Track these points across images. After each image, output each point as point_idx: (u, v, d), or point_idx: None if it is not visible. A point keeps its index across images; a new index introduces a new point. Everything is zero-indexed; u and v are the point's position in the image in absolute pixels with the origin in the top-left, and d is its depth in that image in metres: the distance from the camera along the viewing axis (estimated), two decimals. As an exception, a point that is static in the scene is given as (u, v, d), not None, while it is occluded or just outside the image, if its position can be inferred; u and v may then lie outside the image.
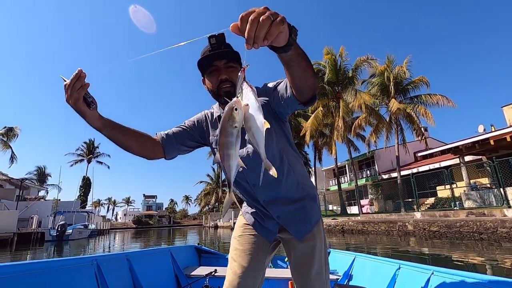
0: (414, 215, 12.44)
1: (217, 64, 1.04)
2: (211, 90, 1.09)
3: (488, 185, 13.60)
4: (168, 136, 1.13)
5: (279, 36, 0.59)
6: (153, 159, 1.11)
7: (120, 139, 0.98)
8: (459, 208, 12.11)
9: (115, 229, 46.63)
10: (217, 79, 1.04)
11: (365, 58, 19.88)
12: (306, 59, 0.74)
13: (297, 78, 0.80)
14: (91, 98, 0.82)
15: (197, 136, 1.19)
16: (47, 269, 1.30)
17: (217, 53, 1.02)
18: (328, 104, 20.40)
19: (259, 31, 0.55)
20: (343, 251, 2.54)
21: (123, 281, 1.70)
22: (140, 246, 13.85)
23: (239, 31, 0.57)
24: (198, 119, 1.22)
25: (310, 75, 0.79)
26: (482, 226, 8.12)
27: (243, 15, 0.55)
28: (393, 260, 1.78)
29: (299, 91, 0.85)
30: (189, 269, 2.30)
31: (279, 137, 1.09)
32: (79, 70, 0.78)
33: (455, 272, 1.31)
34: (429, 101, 17.60)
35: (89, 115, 0.85)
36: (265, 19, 0.54)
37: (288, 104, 0.96)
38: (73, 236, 17.95)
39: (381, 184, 21.16)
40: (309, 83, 0.82)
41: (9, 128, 28.21)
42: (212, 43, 1.01)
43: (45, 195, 31.00)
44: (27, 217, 18.31)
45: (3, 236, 13.84)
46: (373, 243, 9.28)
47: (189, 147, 1.19)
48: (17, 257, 10.00)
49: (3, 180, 19.70)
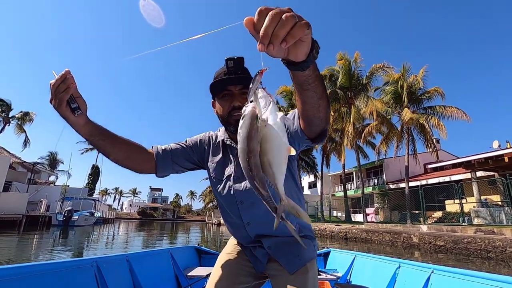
0: (420, 227, 12.21)
1: (231, 89, 0.97)
2: (221, 116, 1.01)
3: (500, 202, 13.22)
4: (165, 153, 1.04)
5: (300, 45, 0.50)
6: (142, 173, 1.01)
7: (107, 150, 0.89)
8: (468, 224, 11.82)
9: (120, 218, 47.42)
10: (229, 105, 0.97)
11: (381, 65, 19.64)
12: (323, 85, 0.65)
13: (310, 106, 0.69)
14: (75, 104, 0.74)
15: (196, 158, 1.10)
16: (48, 271, 1.30)
17: (233, 78, 0.95)
18: (340, 109, 20.24)
19: (279, 28, 0.44)
20: (343, 251, 2.53)
21: (123, 282, 1.71)
22: (142, 238, 14.02)
23: (253, 27, 0.47)
24: (200, 140, 1.13)
25: (324, 105, 0.69)
26: (490, 244, 7.90)
27: (262, 8, 0.46)
28: (393, 259, 1.78)
29: (308, 122, 0.76)
30: (189, 269, 2.31)
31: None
32: (66, 71, 0.71)
33: (455, 270, 1.31)
34: (444, 113, 17.25)
35: (72, 121, 0.77)
36: (289, 17, 0.44)
37: (295, 139, 0.87)
38: (79, 223, 18.34)
39: (388, 193, 20.84)
40: (321, 114, 0.72)
41: (25, 112, 29.07)
42: (229, 66, 0.94)
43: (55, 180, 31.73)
44: (36, 200, 18.82)
45: (13, 217, 14.24)
46: (376, 252, 9.15)
47: (185, 167, 1.10)
48: (24, 239, 10.27)
49: (16, 162, 20.26)
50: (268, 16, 0.44)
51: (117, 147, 0.91)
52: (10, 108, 28.69)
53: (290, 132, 0.87)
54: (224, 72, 0.97)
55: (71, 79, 0.72)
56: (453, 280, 1.27)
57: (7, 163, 16.96)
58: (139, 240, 12.77)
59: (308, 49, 0.52)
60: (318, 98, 0.67)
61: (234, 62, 0.93)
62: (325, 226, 15.99)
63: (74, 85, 0.73)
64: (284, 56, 0.52)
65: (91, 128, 0.82)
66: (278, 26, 0.45)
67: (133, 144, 0.97)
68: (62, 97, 0.71)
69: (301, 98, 0.68)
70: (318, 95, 0.66)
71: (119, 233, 16.69)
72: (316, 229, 16.27)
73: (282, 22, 0.44)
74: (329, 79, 20.93)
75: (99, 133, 0.85)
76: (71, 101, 0.74)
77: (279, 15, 0.45)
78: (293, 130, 0.85)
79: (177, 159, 1.06)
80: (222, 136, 1.09)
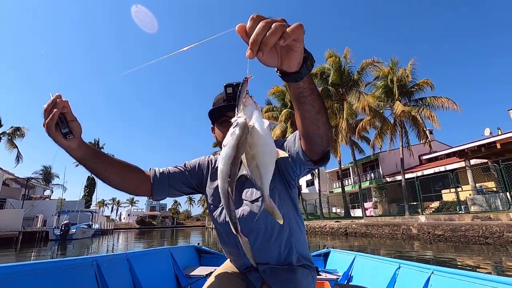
0: (419, 218, 12.33)
1: (230, 115, 0.95)
2: (220, 141, 1.01)
3: (494, 189, 13.43)
4: (162, 176, 1.02)
5: (292, 54, 0.51)
6: (138, 196, 1.02)
7: (101, 173, 0.88)
8: (465, 212, 11.98)
9: (118, 229, 46.92)
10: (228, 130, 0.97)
11: (370, 60, 19.86)
12: (320, 100, 0.65)
13: (308, 121, 0.68)
14: (66, 129, 0.73)
15: (194, 183, 1.09)
16: (47, 270, 1.29)
17: (232, 104, 0.94)
18: (332, 106, 20.38)
19: (269, 36, 0.45)
20: (343, 251, 2.52)
21: (123, 282, 1.69)
22: (143, 247, 13.90)
23: (245, 34, 0.47)
24: (199, 164, 1.12)
25: (323, 121, 0.68)
26: (488, 230, 8.02)
27: (255, 16, 0.46)
28: (393, 259, 1.78)
29: (309, 140, 0.74)
30: (189, 269, 2.30)
31: (283, 200, 0.97)
32: (56, 96, 0.70)
33: (455, 271, 1.30)
34: (434, 104, 17.48)
35: (64, 144, 0.76)
36: (278, 26, 0.45)
37: (296, 162, 0.85)
38: (77, 236, 18.09)
39: (385, 187, 21.02)
40: (321, 131, 0.70)
41: (16, 128, 28.65)
42: (228, 92, 0.95)
43: (50, 195, 31.32)
44: (32, 216, 18.54)
45: (9, 235, 14.00)
46: (377, 246, 9.21)
47: (182, 192, 1.08)
48: (22, 256, 10.10)
49: (9, 179, 19.96)
50: (260, 23, 0.45)
51: (111, 170, 0.89)
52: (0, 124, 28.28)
53: (291, 154, 0.85)
54: (223, 98, 0.98)
55: (62, 103, 0.71)
56: (453, 281, 1.27)
57: (0, 180, 16.70)
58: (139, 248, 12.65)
59: (301, 60, 0.53)
60: (316, 113, 0.66)
61: (233, 88, 0.94)
62: (325, 223, 16.04)
63: (67, 109, 0.72)
64: (277, 65, 0.53)
65: (83, 152, 0.81)
66: (268, 34, 0.45)
67: (129, 166, 0.95)
68: (50, 121, 0.70)
69: (299, 114, 0.68)
70: (315, 109, 0.65)
71: (119, 243, 16.52)
72: (316, 226, 16.32)
73: (272, 31, 0.45)
74: (320, 77, 21.05)
75: (92, 157, 0.84)
76: (62, 126, 0.73)
77: (270, 24, 0.45)
78: (294, 152, 0.83)
79: (174, 183, 1.05)
80: None
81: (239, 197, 0.98)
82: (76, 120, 0.76)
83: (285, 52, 0.51)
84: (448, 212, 12.95)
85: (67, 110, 0.73)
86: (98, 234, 24.70)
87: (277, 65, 0.53)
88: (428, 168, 19.98)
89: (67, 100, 0.73)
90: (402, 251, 7.61)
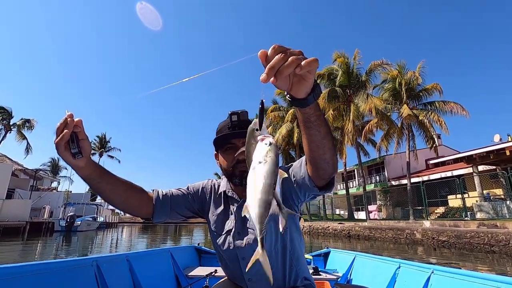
0: (423, 223, 12.20)
1: (235, 143, 0.99)
2: (225, 169, 1.02)
3: (502, 196, 13.21)
4: (165, 199, 1.02)
5: (302, 84, 0.56)
6: (138, 217, 1.01)
7: (105, 193, 0.89)
8: (471, 218, 11.81)
9: (123, 222, 47.47)
10: (233, 158, 0.98)
11: (379, 62, 19.63)
12: (326, 126, 0.69)
13: (314, 145, 0.72)
14: (75, 149, 0.74)
15: (196, 208, 1.09)
16: (48, 270, 1.29)
17: (237, 132, 0.97)
18: (339, 108, 20.24)
19: (285, 67, 0.50)
20: (343, 251, 2.52)
21: (123, 282, 1.70)
22: (146, 241, 14.05)
23: (265, 60, 0.52)
24: (203, 188, 1.12)
25: (328, 146, 0.72)
26: (493, 238, 7.90)
27: (276, 46, 0.52)
28: (393, 259, 1.78)
29: (315, 165, 0.77)
30: (189, 269, 2.31)
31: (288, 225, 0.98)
32: (68, 115, 0.71)
33: (455, 271, 1.30)
34: (443, 108, 17.22)
35: (71, 162, 0.77)
36: (295, 60, 0.50)
37: (301, 187, 0.87)
38: (81, 228, 18.35)
39: (390, 190, 20.84)
40: (326, 156, 0.73)
41: (26, 119, 29.19)
42: (232, 120, 0.98)
43: (57, 186, 31.84)
44: (39, 207, 18.88)
45: (16, 224, 14.29)
46: (380, 250, 9.15)
47: (183, 215, 1.07)
48: (28, 246, 10.31)
49: (18, 170, 20.35)
50: (279, 55, 0.50)
51: (115, 191, 0.90)
52: (11, 115, 28.79)
53: (296, 180, 0.87)
54: (228, 126, 1.00)
55: (74, 122, 0.72)
56: (453, 281, 1.27)
57: (10, 170, 17.04)
58: (142, 242, 12.81)
59: (309, 90, 0.59)
60: (322, 138, 0.70)
61: (238, 116, 0.97)
62: (328, 225, 15.99)
63: (80, 128, 0.73)
64: (287, 89, 0.58)
65: (90, 170, 0.82)
66: (285, 65, 0.50)
67: (132, 187, 0.95)
68: (60, 141, 0.72)
69: (306, 138, 0.71)
70: (321, 134, 0.69)
71: (123, 237, 16.73)
72: (319, 227, 16.28)
73: (288, 63, 0.50)
74: (328, 78, 20.92)
75: (97, 176, 0.84)
76: (71, 146, 0.74)
77: (288, 56, 0.50)
78: (300, 177, 0.85)
79: (177, 207, 1.04)
80: (224, 187, 1.07)
81: (243, 226, 0.99)
82: (87, 139, 0.77)
83: (297, 80, 0.57)
84: (454, 218, 12.80)
85: (79, 129, 0.73)
86: (103, 227, 25.04)
87: (287, 89, 0.58)
88: (434, 173, 19.74)
89: (81, 119, 0.73)
90: (405, 255, 7.55)
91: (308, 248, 8.09)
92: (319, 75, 21.00)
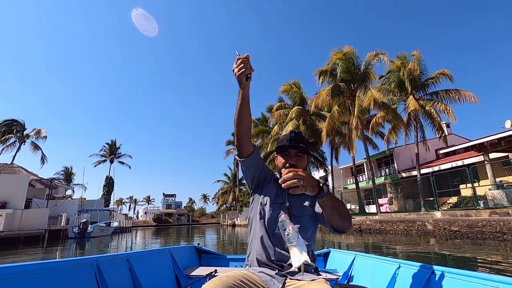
0: (434, 214, 12.11)
1: (290, 151, 1.32)
2: (279, 167, 1.36)
3: (515, 183, 12.96)
4: (259, 154, 1.36)
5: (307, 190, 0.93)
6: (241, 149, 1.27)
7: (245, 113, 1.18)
8: (484, 207, 11.66)
9: (136, 226, 48.18)
10: (286, 161, 1.31)
11: (375, 53, 19.36)
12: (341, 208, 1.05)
13: (334, 222, 1.10)
14: (250, 74, 1.12)
15: (262, 177, 1.39)
16: (47, 270, 1.30)
17: (293, 145, 1.31)
18: (344, 102, 20.10)
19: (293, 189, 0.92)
20: (343, 251, 2.49)
21: (123, 282, 1.70)
22: (160, 241, 14.33)
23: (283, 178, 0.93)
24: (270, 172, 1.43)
25: (346, 224, 1.10)
26: (505, 226, 7.83)
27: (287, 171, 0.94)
28: (393, 259, 1.76)
29: (335, 229, 1.15)
30: (189, 269, 2.29)
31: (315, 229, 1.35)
32: (246, 56, 1.10)
33: (455, 271, 1.30)
34: (450, 97, 16.89)
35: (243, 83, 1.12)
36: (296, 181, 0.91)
37: (320, 220, 1.27)
38: (94, 234, 18.63)
39: (400, 182, 20.63)
40: (344, 226, 1.11)
41: (37, 130, 30.03)
42: (291, 136, 1.32)
43: (71, 194, 32.62)
44: (56, 215, 19.40)
45: (36, 233, 14.79)
46: (392, 243, 9.16)
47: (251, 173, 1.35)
48: (48, 252, 10.70)
49: (34, 180, 20.97)
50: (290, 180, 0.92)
51: (248, 115, 1.20)
52: (23, 127, 29.68)
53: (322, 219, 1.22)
54: (287, 139, 1.34)
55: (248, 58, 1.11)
56: (453, 281, 1.26)
57: (27, 181, 17.57)
58: (156, 244, 13.09)
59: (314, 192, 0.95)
60: (339, 218, 1.07)
61: (296, 134, 1.33)
62: (339, 220, 15.98)
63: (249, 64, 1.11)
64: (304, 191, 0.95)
65: (247, 91, 1.15)
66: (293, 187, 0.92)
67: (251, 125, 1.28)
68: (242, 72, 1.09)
69: (327, 215, 1.08)
70: (337, 213, 1.05)
71: (137, 241, 17.09)
72: (330, 223, 16.25)
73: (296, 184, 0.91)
74: (330, 74, 20.77)
75: (248, 97, 1.17)
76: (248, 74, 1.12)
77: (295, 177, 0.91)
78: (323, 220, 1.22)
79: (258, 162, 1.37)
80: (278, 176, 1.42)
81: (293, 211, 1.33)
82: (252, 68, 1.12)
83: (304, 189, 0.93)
84: (465, 208, 12.65)
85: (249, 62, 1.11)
86: (117, 231, 25.49)
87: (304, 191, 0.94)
88: (445, 163, 19.47)
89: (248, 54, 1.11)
90: (417, 248, 7.55)
91: (320, 244, 8.17)
92: (322, 71, 20.90)
